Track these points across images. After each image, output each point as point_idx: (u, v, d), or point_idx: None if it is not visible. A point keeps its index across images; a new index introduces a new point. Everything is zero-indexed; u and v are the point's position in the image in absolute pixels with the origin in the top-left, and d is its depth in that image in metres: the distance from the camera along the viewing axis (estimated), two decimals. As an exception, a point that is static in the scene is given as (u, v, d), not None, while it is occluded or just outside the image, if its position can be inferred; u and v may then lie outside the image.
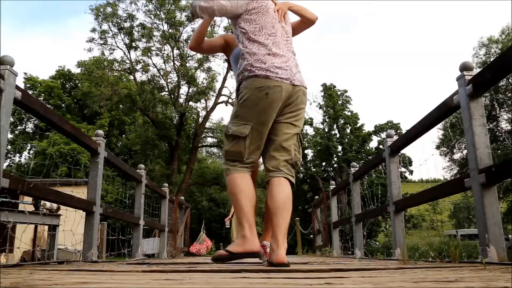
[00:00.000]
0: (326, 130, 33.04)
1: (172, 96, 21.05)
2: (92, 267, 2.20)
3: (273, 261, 2.02)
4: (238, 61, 2.40)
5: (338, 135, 32.69)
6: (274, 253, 2.04)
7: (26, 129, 30.14)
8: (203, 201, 29.00)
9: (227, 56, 2.77)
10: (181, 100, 21.15)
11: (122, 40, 20.47)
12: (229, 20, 2.42)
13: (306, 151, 33.23)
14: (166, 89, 21.01)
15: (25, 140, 27.47)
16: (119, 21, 20.17)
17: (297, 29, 2.56)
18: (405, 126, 35.11)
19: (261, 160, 2.43)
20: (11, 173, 2.56)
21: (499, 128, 26.11)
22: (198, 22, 21.14)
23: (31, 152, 29.04)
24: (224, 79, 21.49)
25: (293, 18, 2.56)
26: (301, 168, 32.49)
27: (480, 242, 2.29)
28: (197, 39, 2.57)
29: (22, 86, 2.66)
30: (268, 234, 2.66)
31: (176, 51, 20.73)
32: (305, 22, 2.55)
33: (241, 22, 2.28)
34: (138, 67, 20.67)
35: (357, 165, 5.41)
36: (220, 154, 27.54)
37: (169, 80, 20.77)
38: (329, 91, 33.30)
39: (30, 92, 5.18)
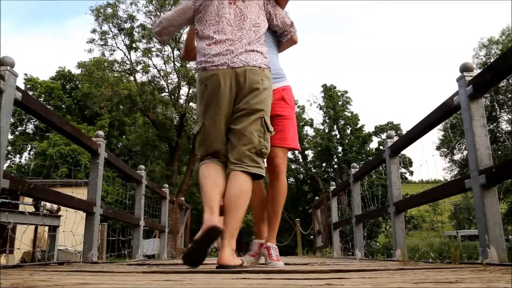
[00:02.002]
0: (326, 131, 33.04)
1: (173, 97, 21.05)
2: (92, 268, 2.20)
3: (217, 263, 1.91)
4: None
5: (338, 136, 32.69)
6: (219, 255, 1.92)
7: (27, 130, 30.17)
8: (203, 202, 28.95)
9: None
10: (181, 101, 21.16)
11: (123, 41, 20.48)
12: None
13: (306, 152, 33.24)
14: (167, 90, 21.01)
15: (25, 141, 27.51)
16: (120, 22, 20.17)
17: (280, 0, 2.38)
18: (406, 127, 35.16)
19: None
20: (11, 174, 2.56)
21: (499, 129, 26.12)
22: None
23: (31, 153, 29.07)
24: (224, 80, 21.49)
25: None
26: (301, 169, 32.54)
27: (481, 243, 2.29)
28: (186, 49, 2.54)
29: (22, 87, 2.65)
30: (272, 235, 2.54)
31: (176, 52, 20.72)
32: None
33: (195, 23, 2.23)
34: (139, 68, 20.68)
35: (357, 166, 5.41)
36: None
37: (169, 81, 20.77)
38: (329, 92, 33.33)
39: (31, 93, 5.19)
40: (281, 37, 2.50)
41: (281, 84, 2.48)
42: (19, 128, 29.81)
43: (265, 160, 2.18)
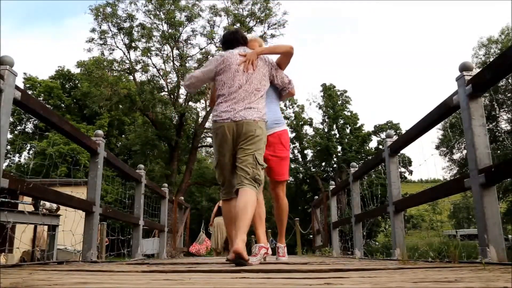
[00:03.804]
0: (326, 130, 33.00)
1: (172, 96, 21.01)
2: (91, 267, 2.20)
3: (232, 251, 2.40)
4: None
5: (337, 135, 32.64)
6: (233, 245, 2.45)
7: (26, 129, 30.12)
8: (203, 201, 29.03)
9: None
10: (180, 100, 21.11)
11: (122, 40, 20.42)
12: (228, 20, 2.93)
13: (305, 151, 33.21)
14: (166, 89, 20.97)
15: (24, 140, 27.46)
16: (119, 21, 20.11)
17: (281, 63, 3.12)
18: (405, 126, 35.12)
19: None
20: (10, 173, 2.56)
21: (498, 128, 26.13)
22: (197, 22, 20.92)
23: (31, 152, 29.03)
24: (224, 79, 21.39)
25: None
26: (301, 169, 32.52)
27: (480, 242, 2.29)
28: (212, 100, 3.20)
29: (21, 86, 2.65)
30: (280, 238, 3.41)
31: (175, 51, 20.68)
32: (283, 56, 3.09)
33: (216, 81, 2.97)
34: (138, 67, 20.61)
35: (357, 165, 5.41)
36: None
37: (168, 80, 20.71)
38: (328, 91, 33.26)
39: (30, 92, 5.18)
40: (281, 92, 3.24)
41: (280, 128, 3.22)
42: (18, 128, 29.75)
43: (261, 185, 2.85)
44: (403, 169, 31.44)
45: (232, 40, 3.10)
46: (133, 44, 20.33)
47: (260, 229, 3.17)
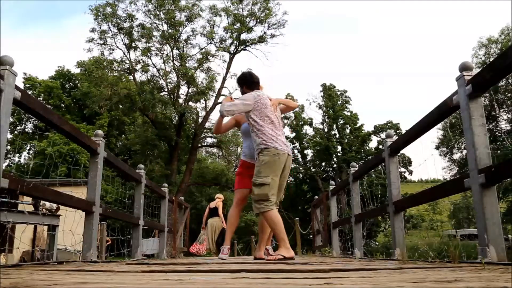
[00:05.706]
0: (326, 130, 33.00)
1: (172, 96, 21.01)
2: (91, 267, 2.20)
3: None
4: (247, 133, 3.83)
5: (337, 135, 32.63)
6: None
7: (26, 129, 30.11)
8: (203, 201, 28.97)
9: (239, 128, 4.16)
10: (180, 100, 21.11)
11: (122, 40, 20.42)
12: (228, 20, 3.13)
13: (305, 151, 33.21)
14: (166, 89, 20.97)
15: (24, 140, 27.44)
16: (119, 21, 20.11)
17: (285, 111, 4.09)
18: (405, 126, 35.11)
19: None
20: (10, 173, 2.56)
21: (498, 128, 26.14)
22: (197, 22, 20.87)
23: (31, 152, 29.02)
24: (224, 79, 21.41)
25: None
26: (301, 168, 32.55)
27: (480, 242, 2.29)
28: (217, 127, 4.00)
29: (21, 86, 2.65)
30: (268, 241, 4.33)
31: (175, 51, 20.68)
32: (289, 108, 4.11)
33: (251, 114, 3.57)
34: (138, 67, 20.61)
35: (357, 165, 5.40)
36: (220, 154, 27.69)
37: (168, 80, 20.71)
38: (328, 91, 33.24)
39: (30, 92, 5.17)
40: None
41: None
42: (18, 127, 29.72)
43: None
44: (403, 169, 31.49)
45: (256, 83, 3.86)
46: (133, 44, 20.33)
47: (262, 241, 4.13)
